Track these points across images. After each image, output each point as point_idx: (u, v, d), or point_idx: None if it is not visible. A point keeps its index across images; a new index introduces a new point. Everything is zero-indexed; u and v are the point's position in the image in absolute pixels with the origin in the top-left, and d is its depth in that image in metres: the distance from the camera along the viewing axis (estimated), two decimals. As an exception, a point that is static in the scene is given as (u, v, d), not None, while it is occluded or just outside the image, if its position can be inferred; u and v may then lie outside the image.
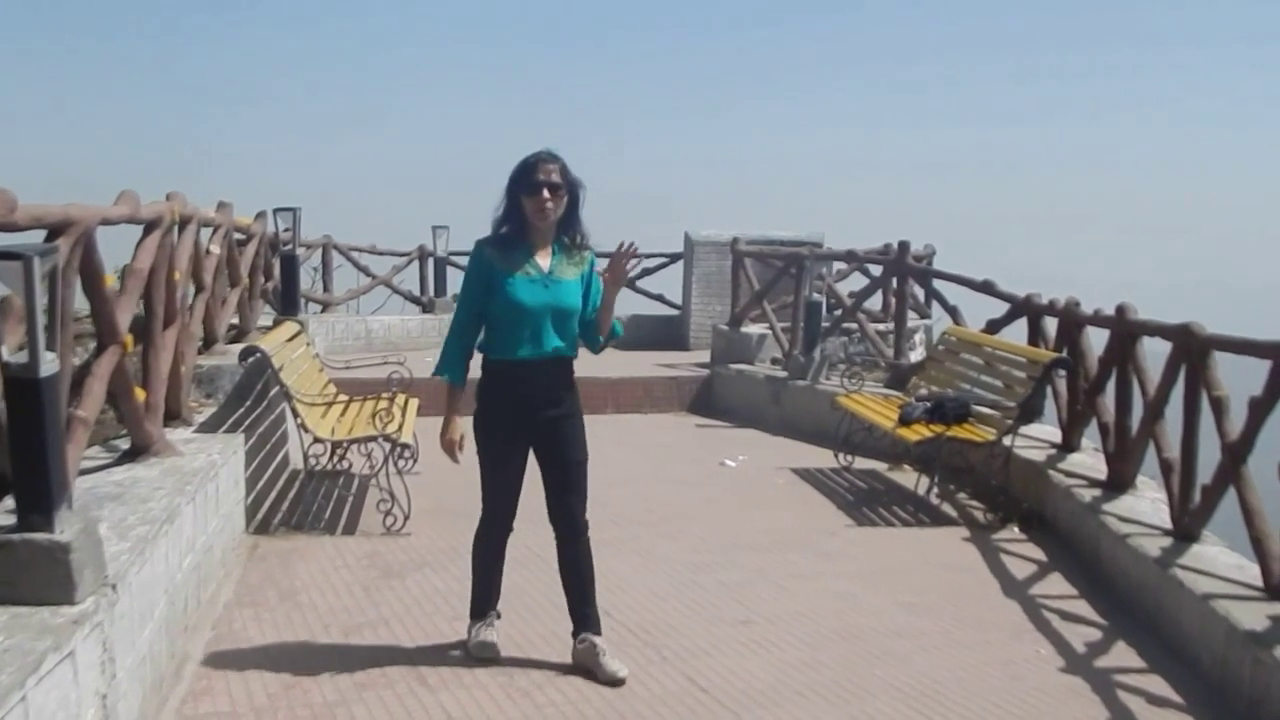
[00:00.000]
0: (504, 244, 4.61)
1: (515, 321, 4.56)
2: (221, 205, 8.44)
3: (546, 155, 4.54)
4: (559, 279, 4.61)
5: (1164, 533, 6.04)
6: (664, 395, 12.08)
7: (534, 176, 4.49)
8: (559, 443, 4.72)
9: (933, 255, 14.26)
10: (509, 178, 4.57)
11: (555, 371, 4.66)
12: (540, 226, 4.56)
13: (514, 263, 4.57)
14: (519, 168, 4.54)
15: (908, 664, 5.05)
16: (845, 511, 7.73)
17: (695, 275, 15.52)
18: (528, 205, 4.51)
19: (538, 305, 4.55)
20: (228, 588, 5.89)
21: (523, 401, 4.63)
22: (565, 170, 4.55)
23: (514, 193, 4.56)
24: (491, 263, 4.59)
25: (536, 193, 4.49)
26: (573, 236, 4.69)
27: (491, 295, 4.58)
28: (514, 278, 4.55)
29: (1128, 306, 6.93)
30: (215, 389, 7.83)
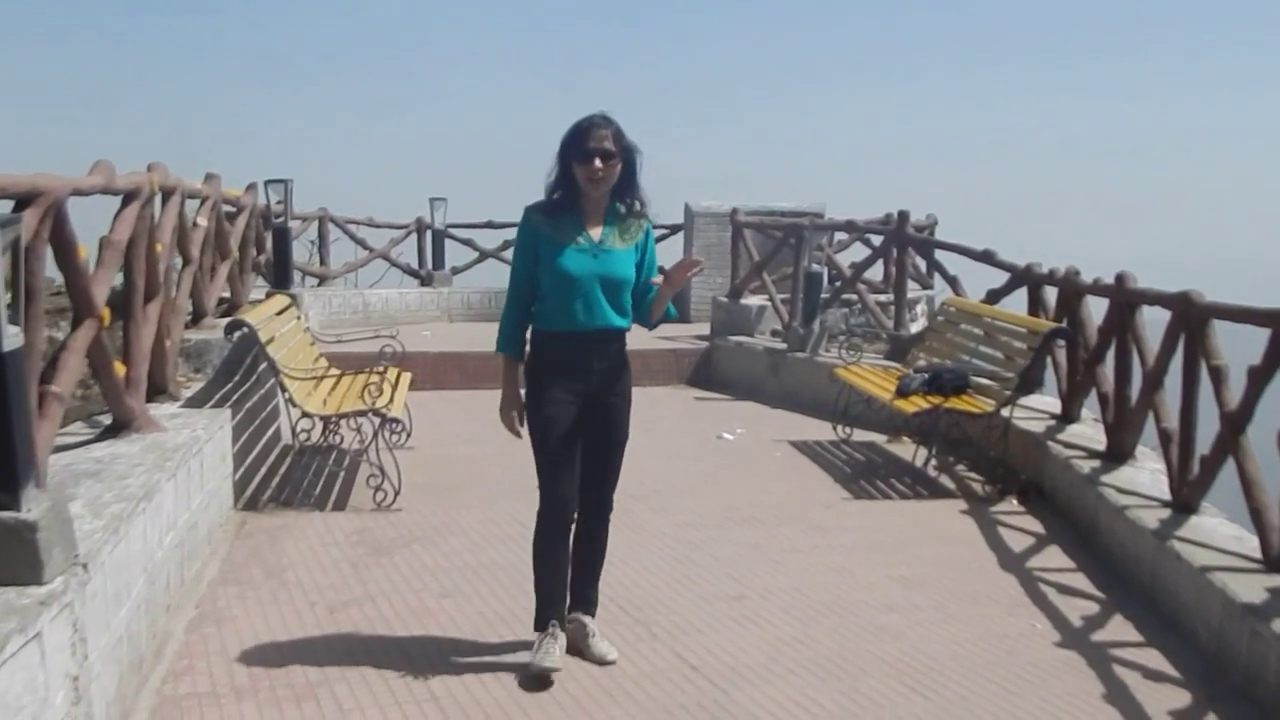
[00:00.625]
0: (554, 211, 4.38)
1: (565, 292, 4.33)
2: (209, 177, 8.33)
3: (599, 120, 4.28)
4: (609, 248, 4.36)
5: (1162, 504, 5.95)
6: (662, 368, 11.98)
7: (586, 143, 4.25)
8: (608, 423, 4.51)
9: (934, 225, 14.12)
10: (560, 143, 4.33)
11: (608, 345, 4.43)
12: (593, 195, 4.34)
13: (562, 231, 4.35)
14: (570, 133, 4.30)
15: (901, 639, 4.97)
16: (842, 484, 7.65)
17: (695, 246, 15.37)
18: (579, 173, 4.28)
19: (586, 275, 4.31)
20: (213, 565, 5.83)
21: (576, 375, 4.40)
22: (619, 135, 4.30)
23: (565, 159, 4.32)
24: (539, 230, 4.38)
25: (588, 160, 4.25)
26: (629, 204, 4.44)
27: (540, 264, 4.36)
28: (562, 246, 4.33)
29: (1127, 275, 6.82)
30: (204, 363, 7.77)
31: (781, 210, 14.52)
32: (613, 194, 4.39)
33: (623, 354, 4.53)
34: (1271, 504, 5.04)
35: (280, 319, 7.95)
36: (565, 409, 4.40)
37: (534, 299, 4.43)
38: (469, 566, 5.85)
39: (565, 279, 4.31)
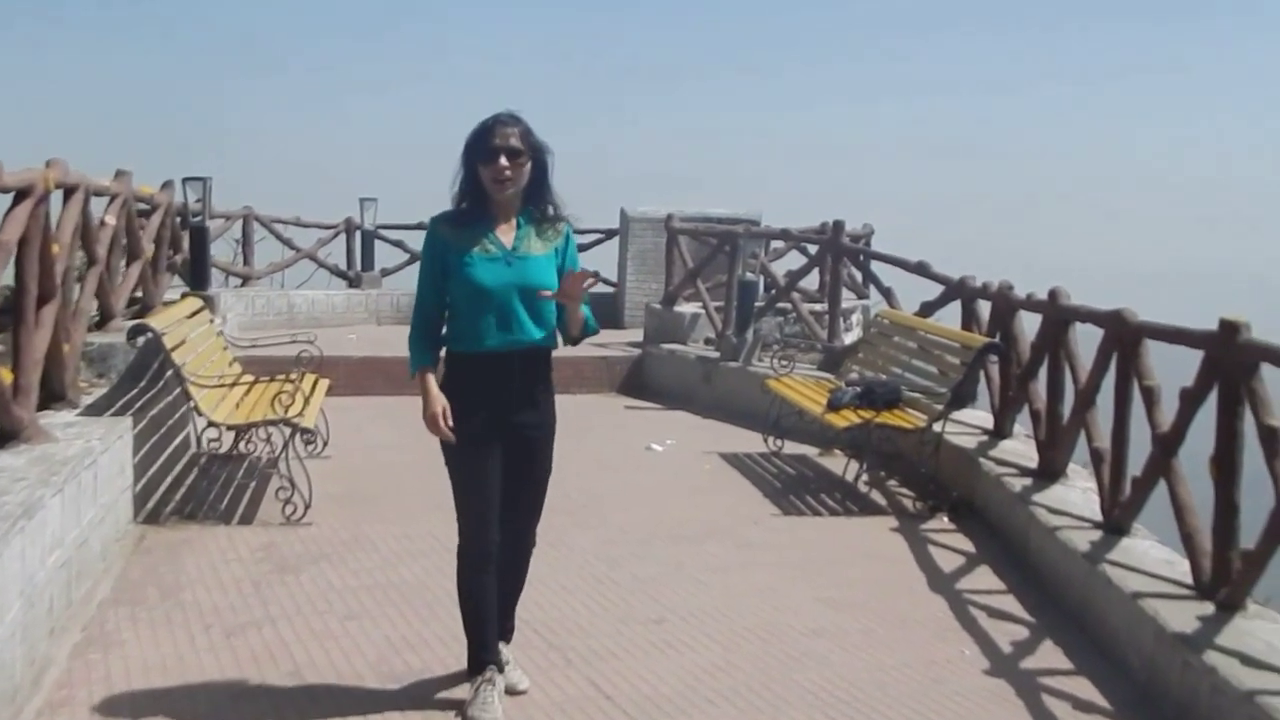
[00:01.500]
0: (461, 220, 4.04)
1: (478, 306, 3.97)
2: (120, 173, 8.00)
3: (505, 117, 3.95)
4: (525, 254, 4.00)
5: (1094, 525, 5.83)
6: (594, 375, 11.76)
7: (490, 141, 3.91)
8: (530, 455, 4.15)
9: (871, 235, 14.03)
10: (464, 144, 3.99)
11: (530, 366, 4.07)
12: (500, 199, 3.99)
13: (472, 239, 3.99)
14: (474, 132, 3.97)
15: (825, 665, 4.78)
16: (772, 499, 7.46)
17: (631, 252, 15.19)
18: (484, 174, 3.94)
19: (501, 285, 3.95)
20: (106, 584, 5.51)
21: (495, 402, 4.02)
22: (527, 134, 3.97)
23: (470, 161, 3.98)
24: (446, 240, 4.02)
25: (493, 160, 3.91)
26: (543, 208, 4.09)
27: (450, 278, 4.00)
28: (471, 255, 3.96)
29: (1060, 291, 6.71)
30: (108, 368, 7.44)
31: (718, 217, 14.34)
32: (524, 199, 4.07)
33: (547, 376, 4.19)
34: (1203, 529, 4.91)
35: (191, 322, 7.65)
36: (482, 444, 4.04)
37: (443, 319, 4.10)
38: (378, 586, 5.59)
39: (478, 291, 3.96)
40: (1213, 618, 4.55)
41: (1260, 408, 4.51)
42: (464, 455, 4.06)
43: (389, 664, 4.68)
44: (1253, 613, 4.60)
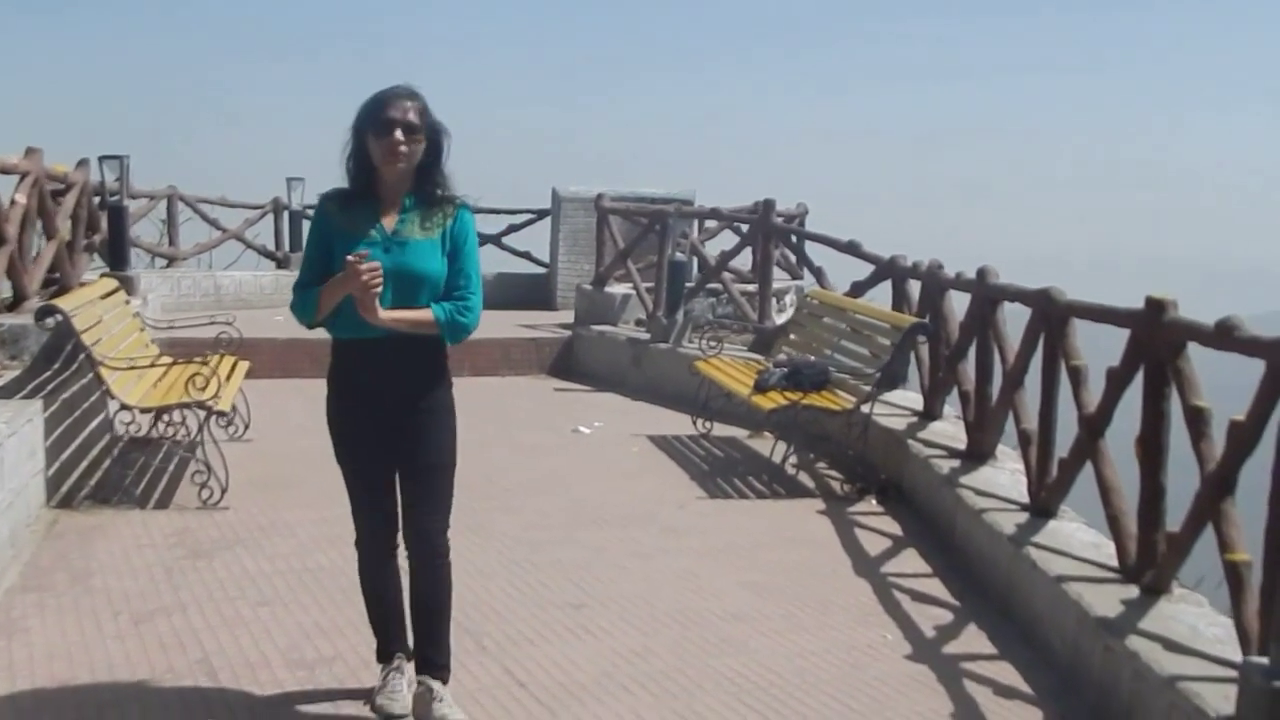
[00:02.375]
0: (348, 198, 3.77)
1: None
2: (30, 151, 7.73)
3: (404, 90, 3.68)
4: (405, 239, 3.71)
5: (1021, 507, 5.79)
6: (522, 357, 11.62)
7: (385, 113, 3.62)
8: (415, 443, 3.84)
9: (805, 215, 14.00)
10: (356, 114, 3.69)
11: (407, 354, 3.76)
12: (389, 177, 3.70)
13: (354, 221, 3.72)
14: (368, 102, 3.67)
15: (744, 651, 4.70)
16: (698, 482, 7.38)
17: (562, 232, 15.04)
18: (376, 149, 3.64)
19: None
20: (14, 570, 5.35)
21: (370, 391, 3.78)
22: (425, 110, 3.69)
23: (360, 133, 3.68)
24: (331, 219, 3.76)
25: (387, 133, 3.61)
26: (431, 189, 3.78)
27: (333, 260, 3.68)
28: (352, 238, 3.67)
29: (989, 270, 6.68)
30: (20, 350, 7.22)
31: (651, 196, 14.25)
32: (415, 179, 3.77)
33: (432, 363, 3.87)
34: (1129, 511, 4.87)
35: (105, 303, 7.42)
36: (360, 427, 3.82)
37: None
38: (293, 571, 5.44)
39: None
40: (1137, 602, 4.52)
41: (1186, 388, 4.46)
42: (344, 444, 3.88)
43: (300, 651, 4.55)
44: (1177, 596, 4.56)
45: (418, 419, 3.84)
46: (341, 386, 3.85)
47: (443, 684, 3.92)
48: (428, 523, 3.92)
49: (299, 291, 3.80)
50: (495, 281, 15.62)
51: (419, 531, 3.92)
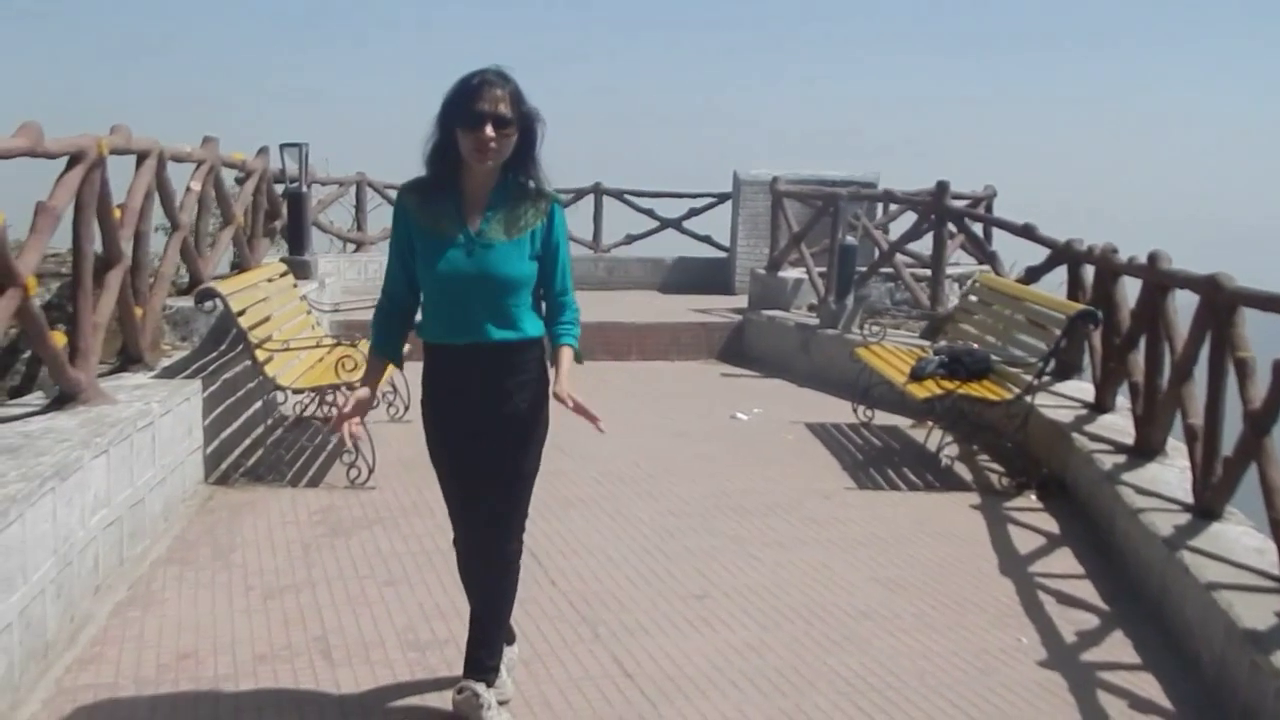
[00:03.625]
0: (429, 192, 3.54)
1: (436, 297, 3.56)
2: (207, 140, 8.05)
3: (494, 76, 3.40)
4: (490, 241, 3.48)
5: (1184, 508, 5.41)
6: (692, 342, 11.54)
7: (475, 104, 3.36)
8: (502, 450, 3.66)
9: (991, 198, 13.45)
10: (442, 102, 3.45)
11: (498, 361, 3.57)
12: (479, 171, 3.48)
13: (436, 218, 3.51)
14: (456, 91, 3.41)
15: (866, 650, 4.52)
16: (850, 472, 7.16)
17: (742, 216, 14.85)
18: (464, 142, 3.39)
19: (458, 276, 3.47)
20: (163, 544, 5.57)
21: (461, 396, 3.62)
22: (518, 98, 3.43)
23: (447, 124, 3.43)
24: (411, 216, 3.55)
25: (477, 127, 3.36)
26: (524, 183, 3.55)
27: (416, 259, 3.55)
28: (433, 239, 3.49)
29: (1160, 254, 6.26)
30: (190, 332, 7.52)
31: (833, 180, 13.90)
32: (504, 170, 3.53)
33: (527, 368, 3.64)
34: (1294, 516, 4.49)
35: (270, 286, 7.66)
36: (454, 432, 3.68)
37: (413, 298, 3.68)
38: (424, 552, 5.50)
39: (435, 281, 3.52)
40: (1294, 614, 4.16)
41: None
42: (440, 449, 3.75)
43: (415, 631, 4.60)
44: (1341, 609, 4.18)
45: (513, 422, 3.66)
46: (436, 391, 3.70)
47: (488, 687, 3.81)
48: (502, 529, 3.79)
49: (382, 312, 3.73)
50: (674, 265, 15.62)
51: (492, 538, 3.80)
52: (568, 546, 5.65)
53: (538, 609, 4.85)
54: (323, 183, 13.52)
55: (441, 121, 3.47)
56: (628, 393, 9.68)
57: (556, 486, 6.62)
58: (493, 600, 3.88)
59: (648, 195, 16.23)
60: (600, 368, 10.85)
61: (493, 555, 3.82)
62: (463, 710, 3.79)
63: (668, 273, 15.50)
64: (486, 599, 3.87)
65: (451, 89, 3.44)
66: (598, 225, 16.10)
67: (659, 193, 16.31)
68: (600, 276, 15.48)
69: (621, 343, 11.28)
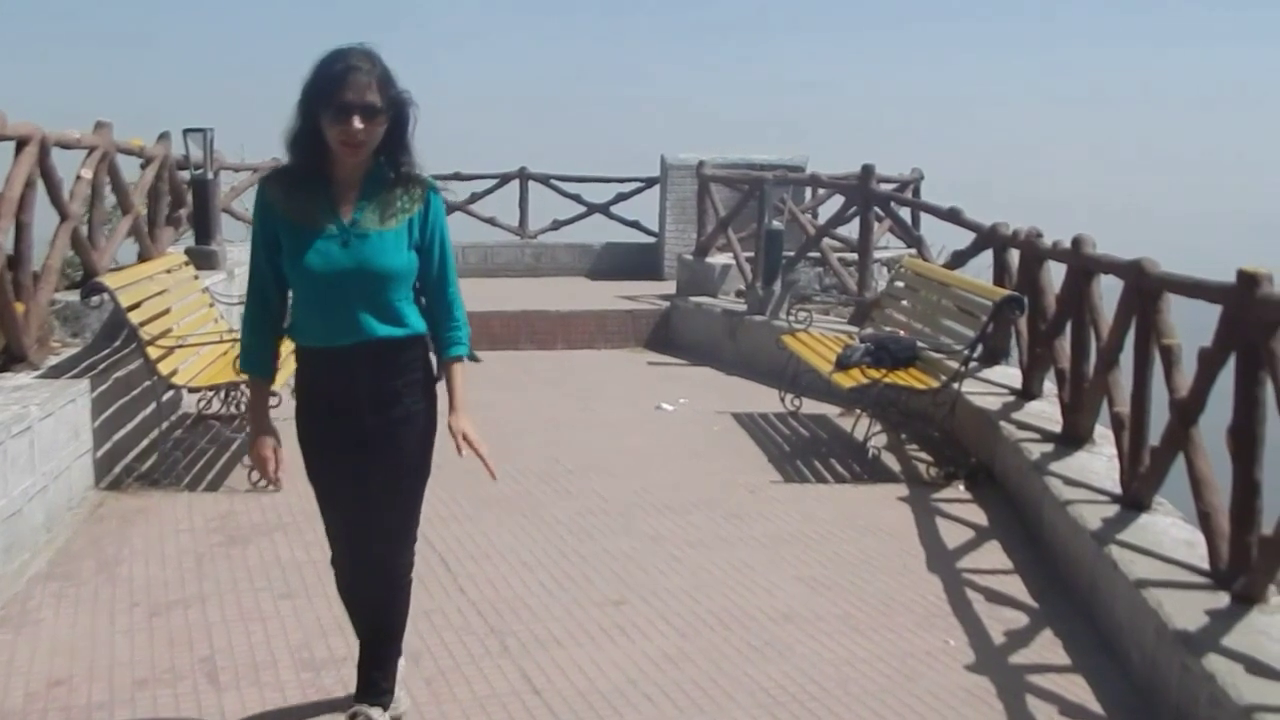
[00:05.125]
0: (294, 183, 3.24)
1: (309, 295, 3.26)
2: (100, 125, 7.65)
3: (358, 60, 3.09)
4: (365, 231, 3.21)
5: (1112, 499, 5.26)
6: (618, 329, 11.32)
7: (340, 95, 3.07)
8: (385, 455, 3.39)
9: (919, 181, 13.35)
10: (304, 88, 3.14)
11: (382, 360, 3.31)
12: (349, 161, 3.21)
13: (304, 211, 3.21)
14: (319, 78, 3.11)
15: (787, 657, 4.32)
16: (775, 465, 6.97)
17: (670, 200, 14.62)
18: (332, 134, 3.12)
19: (334, 271, 3.19)
20: (44, 557, 5.23)
21: (340, 402, 3.33)
22: (387, 81, 3.14)
23: (310, 112, 3.14)
24: (275, 209, 3.24)
25: (344, 119, 3.09)
26: (398, 167, 3.29)
27: (283, 256, 3.25)
28: (303, 232, 3.20)
29: (1085, 239, 6.11)
30: (82, 327, 7.14)
31: (761, 164, 13.70)
32: (375, 157, 3.27)
33: (413, 367, 3.40)
34: (1222, 508, 4.33)
35: (168, 278, 7.31)
36: (339, 444, 3.37)
37: (282, 302, 3.37)
38: (325, 560, 5.09)
39: (309, 278, 3.22)
40: (1225, 612, 4.00)
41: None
42: (312, 463, 3.45)
43: (310, 649, 4.33)
44: (1273, 606, 4.03)
45: (392, 430, 3.39)
46: (314, 400, 3.40)
47: (383, 710, 3.59)
48: (389, 541, 3.53)
49: (255, 320, 3.37)
50: (602, 251, 15.37)
51: (381, 552, 3.53)
52: (479, 550, 5.40)
53: (444, 619, 4.61)
54: (235, 169, 13.06)
55: (304, 109, 3.15)
56: (551, 383, 9.44)
57: (470, 486, 6.31)
58: (388, 619, 3.65)
59: (574, 180, 15.94)
60: (524, 357, 10.61)
61: (386, 572, 3.57)
62: None
63: (596, 259, 15.24)
64: (380, 618, 3.64)
65: (314, 74, 3.14)
66: (524, 211, 15.79)
67: (586, 177, 16.03)
68: (527, 263, 15.21)
69: (546, 331, 11.04)
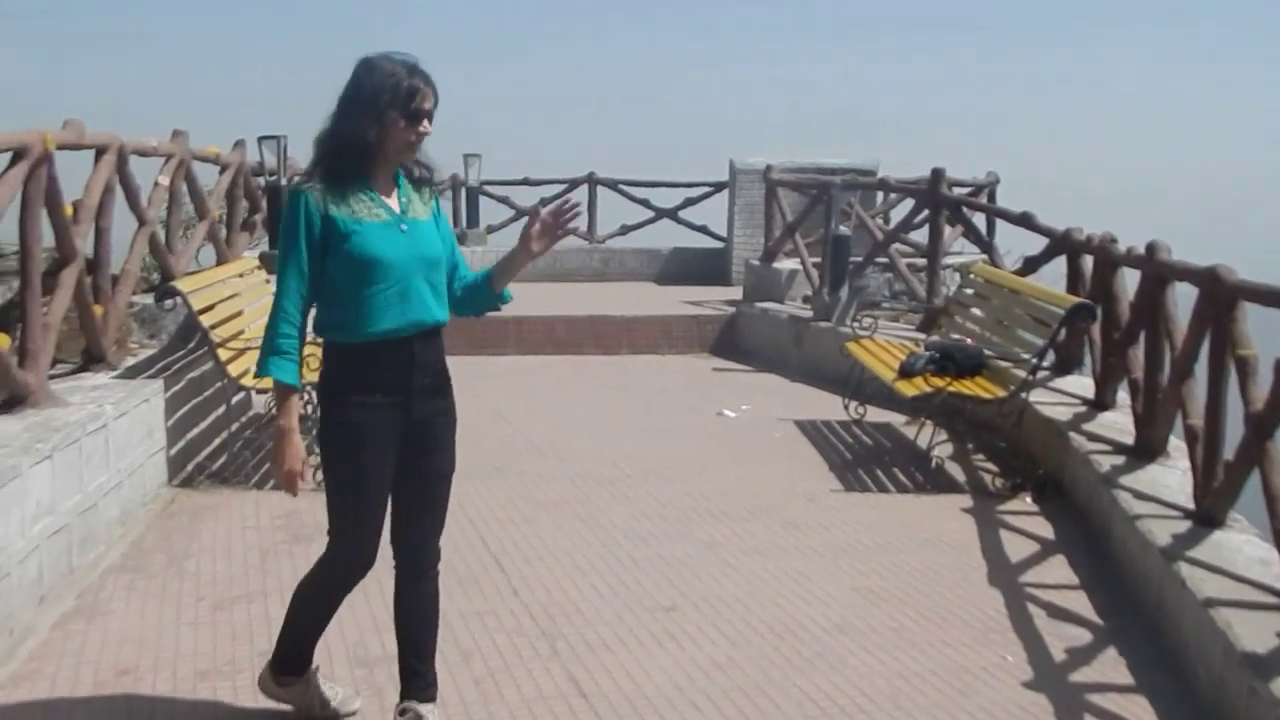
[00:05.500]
0: (341, 184, 3.31)
1: (373, 284, 3.29)
2: (176, 134, 7.79)
3: (423, 71, 3.30)
4: (415, 219, 3.38)
5: (1185, 514, 5.12)
6: (684, 335, 11.28)
7: (419, 103, 3.27)
8: (429, 451, 3.48)
9: (994, 185, 13.16)
10: (370, 88, 3.24)
11: (429, 348, 3.43)
12: (398, 160, 3.37)
13: (357, 205, 3.31)
14: (395, 86, 3.24)
15: (838, 668, 4.24)
16: (837, 473, 6.88)
17: (739, 205, 14.57)
18: (400, 134, 3.28)
19: (401, 258, 3.30)
20: (117, 550, 5.34)
21: (391, 393, 3.38)
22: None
23: (377, 112, 3.25)
24: (319, 210, 3.27)
25: (417, 121, 3.29)
26: (422, 166, 3.46)
27: (331, 255, 3.29)
28: (363, 224, 3.28)
29: (1159, 245, 5.96)
30: (159, 329, 7.29)
31: (831, 167, 13.59)
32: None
33: (444, 358, 3.54)
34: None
35: (240, 282, 7.42)
36: (378, 437, 3.39)
37: (307, 315, 3.40)
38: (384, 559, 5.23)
39: (375, 266, 3.27)
40: (1298, 635, 3.87)
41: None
42: (356, 454, 3.40)
43: (365, 646, 4.36)
44: (1349, 631, 3.89)
45: (439, 421, 3.51)
46: (359, 391, 3.37)
47: (432, 705, 3.61)
48: (429, 532, 3.61)
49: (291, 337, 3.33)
50: (670, 256, 15.38)
51: (419, 543, 3.60)
52: (534, 553, 5.40)
53: (496, 621, 4.61)
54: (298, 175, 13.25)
55: (369, 108, 3.26)
56: (614, 388, 9.43)
57: (529, 489, 6.39)
58: (426, 612, 3.68)
59: (643, 185, 15.96)
60: (588, 361, 10.63)
61: (429, 563, 3.65)
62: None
63: (664, 264, 15.24)
64: (424, 612, 3.67)
65: (382, 79, 3.26)
66: (592, 216, 15.84)
67: (654, 182, 16.05)
68: (595, 268, 15.25)
69: (611, 336, 11.04)
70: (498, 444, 7.36)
